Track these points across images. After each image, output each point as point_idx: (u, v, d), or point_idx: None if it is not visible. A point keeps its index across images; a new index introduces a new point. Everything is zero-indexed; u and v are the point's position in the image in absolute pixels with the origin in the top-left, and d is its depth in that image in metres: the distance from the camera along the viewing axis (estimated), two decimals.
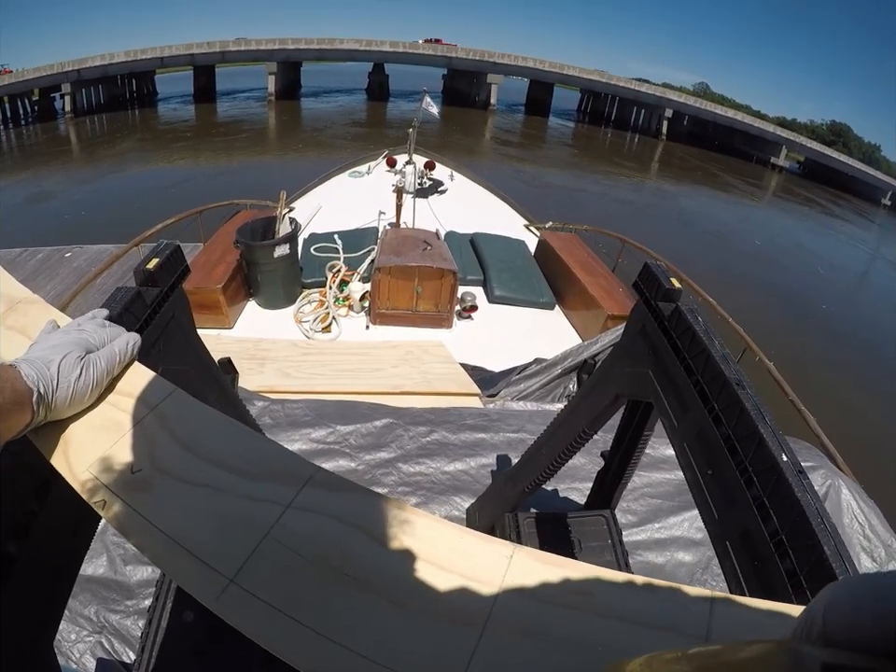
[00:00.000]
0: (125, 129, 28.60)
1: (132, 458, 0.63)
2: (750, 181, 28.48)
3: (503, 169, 20.78)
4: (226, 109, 34.91)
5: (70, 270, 8.26)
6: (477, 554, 0.57)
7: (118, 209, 14.27)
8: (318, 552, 0.55)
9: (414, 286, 5.00)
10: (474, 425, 2.92)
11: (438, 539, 0.58)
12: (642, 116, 37.97)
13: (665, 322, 1.09)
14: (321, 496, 0.61)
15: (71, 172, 20.23)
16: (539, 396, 4.06)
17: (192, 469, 0.63)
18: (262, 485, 0.61)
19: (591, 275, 5.75)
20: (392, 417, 2.88)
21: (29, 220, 13.71)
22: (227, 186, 13.61)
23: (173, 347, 1.07)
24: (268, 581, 0.52)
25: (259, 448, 0.67)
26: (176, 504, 0.59)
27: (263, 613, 0.50)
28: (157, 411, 0.69)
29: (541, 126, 35.89)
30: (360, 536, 0.57)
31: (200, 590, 0.51)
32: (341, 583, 0.53)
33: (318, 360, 4.28)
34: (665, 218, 17.79)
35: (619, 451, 1.71)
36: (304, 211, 7.30)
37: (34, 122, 30.03)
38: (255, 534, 0.56)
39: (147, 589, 1.96)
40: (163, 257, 1.04)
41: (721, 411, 0.91)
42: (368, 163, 9.91)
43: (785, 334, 9.95)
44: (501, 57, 36.37)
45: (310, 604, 0.51)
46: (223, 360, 1.63)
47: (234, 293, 5.36)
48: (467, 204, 8.39)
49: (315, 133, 27.37)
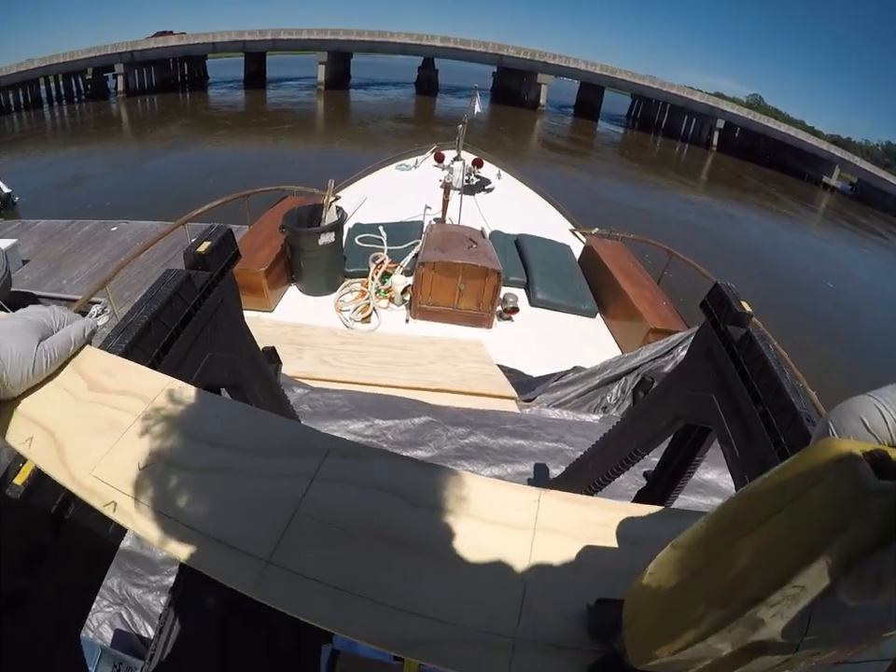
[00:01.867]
0: (175, 111, 29.14)
1: (137, 456, 0.60)
2: (801, 200, 27.66)
3: (550, 171, 20.59)
4: (275, 96, 35.35)
5: (115, 244, 8.46)
6: (508, 502, 0.56)
7: (163, 189, 14.57)
8: (353, 520, 0.54)
9: (458, 283, 4.97)
10: (513, 430, 2.87)
11: (470, 492, 0.57)
12: (693, 125, 37.25)
13: (734, 347, 1.05)
14: (344, 464, 0.59)
15: (119, 150, 20.75)
16: (576, 405, 4.00)
17: (204, 456, 0.60)
18: (282, 462, 0.60)
19: (636, 286, 5.67)
20: (431, 416, 2.84)
21: (77, 194, 14.04)
22: (272, 172, 13.72)
23: (220, 334, 1.05)
24: (307, 557, 0.51)
25: (271, 426, 0.65)
26: (195, 494, 0.57)
27: (309, 590, 0.48)
28: (155, 403, 0.66)
29: (590, 130, 35.51)
30: (393, 499, 0.56)
31: (236, 577, 0.49)
32: (381, 548, 0.52)
33: (356, 350, 4.26)
34: (713, 234, 17.31)
35: (665, 473, 1.62)
36: (350, 201, 7.30)
37: (86, 100, 30.86)
38: (284, 511, 0.54)
39: (172, 566, 1.96)
40: (215, 240, 1.01)
41: (789, 445, 0.87)
42: (415, 157, 9.92)
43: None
44: (553, 58, 36.05)
45: (357, 573, 0.50)
46: (267, 349, 1.60)
47: (277, 277, 5.40)
48: (513, 204, 8.32)
49: (362, 126, 27.48)
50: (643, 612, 0.41)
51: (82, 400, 0.66)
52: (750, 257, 15.56)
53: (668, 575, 0.38)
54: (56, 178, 15.90)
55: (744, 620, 0.32)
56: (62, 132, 25.04)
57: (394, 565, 0.51)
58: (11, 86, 27.06)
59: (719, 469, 2.56)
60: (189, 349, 0.94)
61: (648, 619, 0.40)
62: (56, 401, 0.65)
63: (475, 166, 8.51)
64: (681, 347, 4.09)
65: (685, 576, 0.36)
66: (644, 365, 4.07)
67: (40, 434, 0.62)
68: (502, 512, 0.55)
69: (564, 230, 8.07)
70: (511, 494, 0.57)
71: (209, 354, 1.01)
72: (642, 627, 0.40)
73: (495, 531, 0.54)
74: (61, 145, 21.48)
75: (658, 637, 0.38)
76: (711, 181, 27.72)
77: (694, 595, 0.35)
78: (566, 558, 0.51)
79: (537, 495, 0.57)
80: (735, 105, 37.39)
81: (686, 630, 0.35)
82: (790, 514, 0.30)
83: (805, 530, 0.29)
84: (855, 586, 0.28)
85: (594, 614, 0.46)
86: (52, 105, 29.45)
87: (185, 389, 0.69)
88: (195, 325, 0.95)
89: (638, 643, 0.40)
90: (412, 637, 0.46)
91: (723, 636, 0.33)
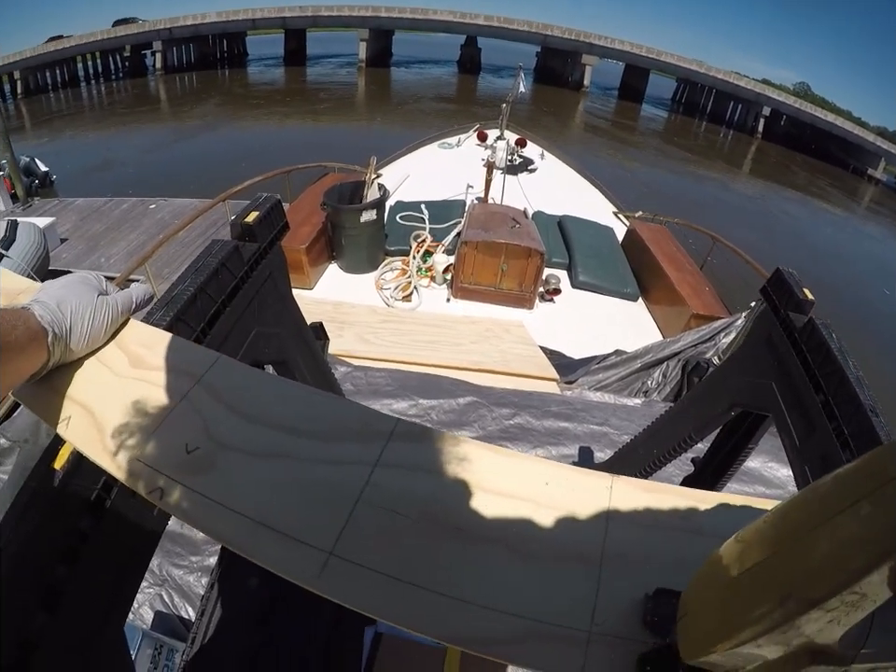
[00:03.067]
0: (213, 88, 29.28)
1: (184, 438, 0.57)
2: (847, 193, 26.73)
3: (592, 152, 20.23)
4: (315, 74, 35.29)
5: (154, 221, 8.55)
6: (579, 488, 0.54)
7: (200, 167, 14.70)
8: (418, 507, 0.52)
9: (500, 263, 4.93)
10: (558, 412, 2.84)
11: (540, 477, 0.55)
12: (738, 111, 36.30)
13: (795, 334, 1.02)
14: (409, 448, 0.57)
15: (157, 128, 20.93)
16: (617, 388, 3.97)
17: (259, 439, 0.57)
18: (343, 447, 0.57)
19: (679, 271, 5.58)
20: (476, 396, 2.82)
21: (113, 174, 14.23)
22: (311, 150, 13.71)
23: (267, 309, 1.02)
24: (371, 548, 0.49)
25: (330, 408, 0.62)
26: (250, 480, 0.54)
27: (372, 583, 0.47)
28: (203, 381, 0.62)
29: (634, 113, 34.80)
30: (459, 485, 0.54)
31: (296, 570, 0.47)
32: (450, 537, 0.50)
33: (397, 328, 4.26)
34: (757, 223, 16.76)
35: (715, 459, 1.57)
36: (392, 178, 7.26)
37: (124, 77, 31.21)
38: (346, 499, 0.52)
39: (213, 546, 1.95)
40: (263, 210, 0.99)
41: (851, 436, 0.84)
42: (458, 136, 9.84)
43: None
44: (598, 39, 35.36)
45: (423, 563, 0.48)
46: (315, 324, 1.58)
47: (317, 255, 5.41)
48: (556, 185, 8.22)
49: (403, 105, 27.35)
50: (699, 605, 0.40)
51: (124, 377, 0.63)
52: (795, 247, 15.09)
53: (728, 568, 0.37)
54: (93, 157, 16.11)
55: (801, 622, 0.30)
56: (99, 110, 25.34)
57: (460, 554, 0.49)
58: (49, 64, 27.44)
59: (763, 457, 2.53)
60: (235, 324, 0.92)
61: (703, 613, 0.39)
62: (96, 378, 0.63)
63: (518, 146, 8.39)
64: (723, 334, 4.04)
65: (746, 571, 0.35)
66: (685, 351, 4.03)
67: (79, 413, 0.59)
68: (574, 498, 0.53)
69: (607, 212, 7.94)
70: (584, 479, 0.55)
71: (256, 329, 0.98)
72: (697, 621, 0.39)
73: (566, 518, 0.52)
74: (98, 123, 21.73)
75: (712, 632, 0.36)
76: (756, 168, 27.00)
77: (753, 592, 0.34)
78: (637, 548, 0.49)
79: (609, 481, 0.55)
80: (782, 93, 36.27)
81: (741, 628, 0.33)
82: (861, 513, 0.29)
83: (876, 530, 0.28)
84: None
85: (650, 604, 0.45)
86: (90, 84, 29.82)
87: (235, 366, 0.66)
88: (242, 298, 0.92)
89: (691, 637, 0.39)
90: (482, 635, 0.44)
91: (777, 637, 0.32)
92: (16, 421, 2.42)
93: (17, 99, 24.98)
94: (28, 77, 26.05)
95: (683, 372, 3.90)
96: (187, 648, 1.34)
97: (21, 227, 5.98)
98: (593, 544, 0.49)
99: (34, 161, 12.03)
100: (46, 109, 24.00)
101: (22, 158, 11.12)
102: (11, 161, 9.56)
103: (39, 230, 6.27)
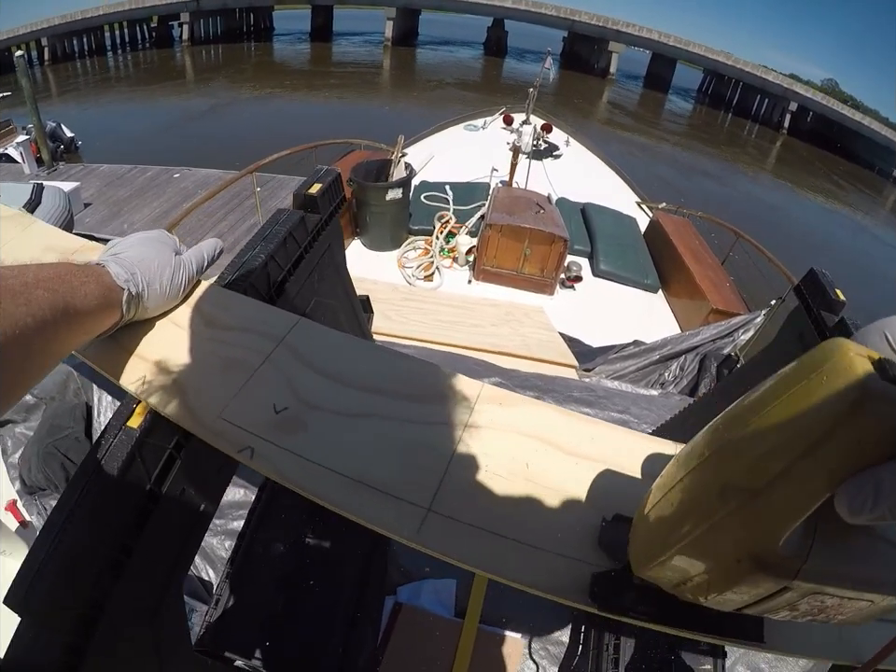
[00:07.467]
0: (239, 61, 29.20)
1: (271, 397, 0.58)
2: (872, 192, 26.34)
3: (616, 141, 20.01)
4: (341, 51, 35.01)
5: (177, 190, 8.59)
6: (641, 452, 0.57)
7: (224, 140, 14.68)
8: (506, 465, 0.55)
9: (523, 247, 4.92)
10: (580, 398, 2.84)
11: (618, 442, 0.58)
12: (765, 105, 35.76)
13: (827, 333, 1.04)
14: (495, 411, 0.60)
15: (181, 100, 20.86)
16: (634, 378, 3.97)
17: (348, 399, 0.58)
18: (433, 407, 0.59)
19: (700, 265, 5.54)
20: (501, 377, 2.83)
21: (138, 142, 14.22)
22: (335, 127, 13.65)
23: (325, 280, 1.04)
24: (465, 503, 0.51)
25: (417, 370, 0.64)
26: (344, 440, 0.55)
27: (467, 536, 0.49)
28: (286, 343, 0.63)
29: (659, 102, 34.37)
30: (542, 446, 0.57)
31: (397, 526, 0.50)
32: (535, 493, 0.53)
33: (419, 307, 4.27)
34: (780, 220, 16.56)
35: None
36: (416, 158, 7.23)
37: (150, 48, 31.06)
38: (441, 458, 0.54)
39: (238, 511, 1.93)
40: (325, 182, 0.99)
41: None
42: (484, 118, 9.74)
43: None
44: (625, 26, 34.89)
45: (511, 516, 0.51)
46: (363, 297, 1.60)
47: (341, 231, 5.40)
48: (580, 172, 8.14)
49: (428, 85, 27.11)
50: (642, 527, 0.43)
51: (201, 337, 0.63)
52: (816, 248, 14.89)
53: (663, 487, 0.40)
54: (118, 126, 16.12)
55: (735, 518, 0.32)
56: (125, 79, 25.32)
57: (543, 509, 0.52)
58: (76, 32, 27.40)
59: None
60: (298, 292, 0.93)
61: (644, 532, 0.42)
62: (170, 338, 0.63)
63: (544, 131, 8.31)
64: (742, 331, 4.01)
65: (679, 481, 0.38)
66: (704, 345, 4.01)
67: (154, 372, 0.59)
68: (637, 461, 0.57)
69: (630, 202, 7.87)
70: (649, 444, 0.59)
71: (315, 299, 1.00)
72: (640, 541, 0.43)
73: (630, 476, 0.55)
74: (123, 93, 21.71)
75: (650, 547, 0.40)
76: (780, 164, 26.61)
77: (688, 495, 0.36)
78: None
79: (675, 447, 0.58)
80: (810, 89, 35.60)
81: (671, 543, 0.37)
82: (787, 403, 0.30)
83: (802, 418, 0.29)
84: (852, 494, 0.28)
85: (607, 528, 0.50)
86: (116, 53, 29.73)
87: (316, 328, 0.67)
88: (304, 268, 0.94)
89: (636, 554, 0.43)
90: (561, 584, 0.48)
91: (710, 537, 0.34)
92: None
93: (44, 66, 24.99)
94: (56, 45, 26.03)
95: (701, 366, 3.90)
96: (210, 608, 1.37)
97: (46, 190, 6.02)
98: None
99: (59, 126, 12.08)
100: (72, 77, 24.03)
101: (49, 123, 11.17)
102: (38, 125, 9.60)
103: (64, 194, 6.31)
